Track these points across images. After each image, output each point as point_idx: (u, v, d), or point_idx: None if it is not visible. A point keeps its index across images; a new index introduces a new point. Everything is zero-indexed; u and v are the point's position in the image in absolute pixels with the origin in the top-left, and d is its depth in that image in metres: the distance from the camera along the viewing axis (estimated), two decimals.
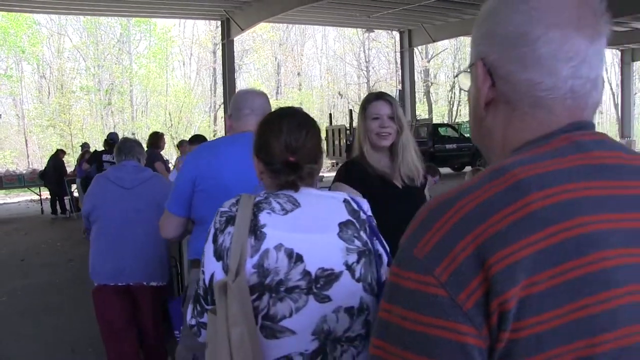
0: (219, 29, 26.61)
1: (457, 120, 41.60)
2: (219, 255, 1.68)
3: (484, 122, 0.98)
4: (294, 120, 1.81)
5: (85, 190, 9.85)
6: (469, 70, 1.00)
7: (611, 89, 50.05)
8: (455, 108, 48.26)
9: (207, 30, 42.11)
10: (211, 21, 31.92)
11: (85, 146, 15.97)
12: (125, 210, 3.94)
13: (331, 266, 1.66)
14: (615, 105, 46.50)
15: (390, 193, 2.79)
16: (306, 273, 1.63)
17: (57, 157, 16.01)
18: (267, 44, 44.66)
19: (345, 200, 1.78)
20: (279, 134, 1.75)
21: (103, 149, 11.17)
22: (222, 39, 24.91)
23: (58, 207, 15.81)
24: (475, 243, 0.76)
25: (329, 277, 1.65)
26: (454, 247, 0.77)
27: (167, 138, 31.09)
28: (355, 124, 14.93)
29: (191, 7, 21.97)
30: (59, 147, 19.06)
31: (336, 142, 24.31)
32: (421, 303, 0.78)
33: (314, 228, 1.69)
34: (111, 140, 10.29)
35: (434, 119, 35.73)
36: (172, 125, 39.18)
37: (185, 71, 45.54)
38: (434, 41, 29.41)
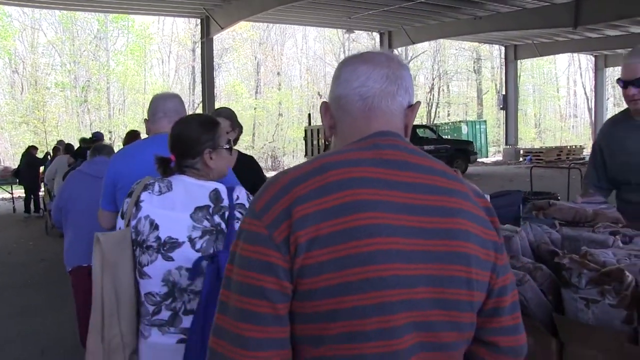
0: (199, 27, 26.45)
1: (435, 122, 41.78)
2: (122, 215, 2.39)
3: (334, 139, 1.41)
4: (180, 124, 2.44)
5: None
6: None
7: (585, 93, 50.69)
8: (433, 110, 48.47)
9: (186, 28, 41.85)
10: (191, 19, 31.68)
11: (60, 143, 15.70)
12: (97, 197, 4.12)
13: (177, 236, 2.25)
14: (589, 110, 47.07)
15: None
16: (158, 238, 2.26)
17: (30, 154, 15.75)
18: (247, 42, 44.50)
19: (214, 190, 2.30)
20: (171, 136, 2.40)
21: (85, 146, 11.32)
22: (202, 37, 24.76)
23: (32, 205, 15.57)
24: (287, 201, 1.17)
25: (173, 244, 2.25)
26: (275, 204, 1.18)
27: (144, 137, 31.06)
28: None
29: (170, 4, 21.83)
30: (31, 144, 18.68)
31: (315, 142, 24.32)
32: (250, 238, 1.19)
33: (174, 207, 2.27)
34: (96, 139, 10.83)
35: None
36: None
37: (164, 69, 45.28)
38: (413, 43, 29.51)
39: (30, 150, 16.05)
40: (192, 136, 2.36)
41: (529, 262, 2.09)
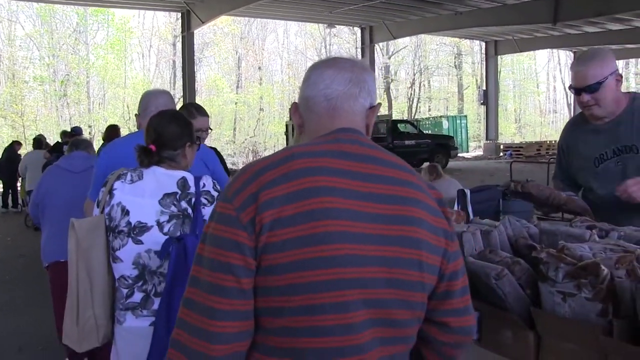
0: (179, 21, 26.30)
1: (416, 117, 41.92)
2: (97, 203, 2.55)
3: (302, 137, 1.54)
4: (163, 118, 2.59)
5: None
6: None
7: (564, 89, 51.01)
8: (414, 105, 48.61)
9: (167, 22, 41.55)
10: (171, 13, 31.48)
11: (40, 138, 15.51)
12: (75, 192, 4.17)
13: (146, 221, 2.41)
14: (569, 105, 47.54)
15: None
16: (129, 223, 2.42)
17: (13, 149, 15.56)
18: (228, 37, 44.28)
19: (181, 178, 2.47)
20: (148, 127, 2.57)
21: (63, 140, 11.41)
22: (182, 32, 24.63)
23: (10, 200, 15.40)
24: (255, 187, 1.29)
25: (142, 228, 2.41)
26: (244, 190, 1.31)
27: (125, 131, 30.60)
28: None
29: None
30: (15, 140, 18.45)
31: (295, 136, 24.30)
32: (221, 219, 1.31)
33: (144, 194, 2.44)
34: (75, 133, 11.03)
35: (393, 115, 35.91)
36: (130, 118, 38.51)
37: (145, 63, 44.91)
38: (394, 38, 29.59)
39: (14, 146, 15.85)
40: (177, 130, 2.57)
41: (508, 257, 2.10)
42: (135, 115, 3.38)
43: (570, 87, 2.85)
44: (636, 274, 1.73)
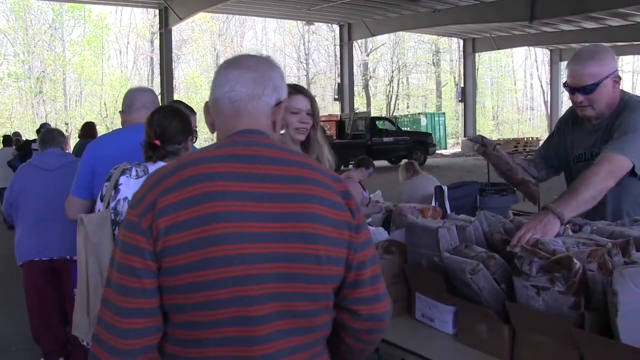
0: (157, 17, 26.11)
1: (394, 114, 42.03)
2: (101, 198, 2.62)
3: (216, 134, 1.58)
4: (165, 113, 2.66)
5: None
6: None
7: (541, 86, 51.51)
8: (393, 102, 48.77)
9: (144, 19, 41.23)
10: (149, 9, 31.24)
11: (16, 135, 15.33)
12: (49, 190, 4.18)
13: None
14: (545, 103, 47.90)
15: None
16: None
17: None
18: (206, 34, 44.07)
19: None
20: (150, 123, 2.62)
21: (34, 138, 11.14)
22: (160, 28, 24.48)
23: None
24: (154, 195, 1.39)
25: None
26: (145, 197, 1.40)
27: (102, 128, 30.27)
28: None
29: None
30: None
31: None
32: (127, 225, 1.41)
33: None
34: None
35: (372, 112, 35.96)
36: (107, 115, 38.22)
37: (122, 60, 44.56)
38: (373, 35, 29.65)
39: None
40: (180, 124, 2.66)
41: (483, 252, 2.12)
42: (120, 112, 3.39)
43: (564, 84, 2.75)
44: (607, 268, 1.76)
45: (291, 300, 1.40)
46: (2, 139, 13.53)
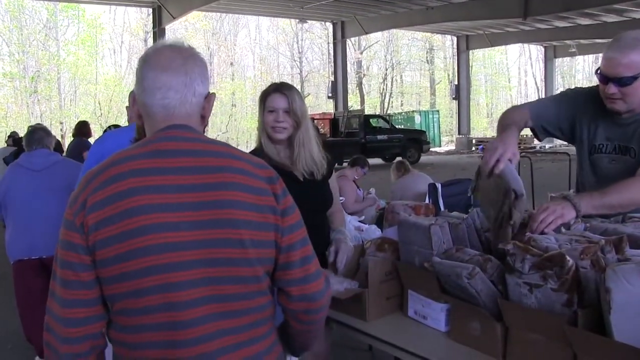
0: (151, 16, 26.03)
1: (388, 112, 42.04)
2: None
3: (144, 127, 1.64)
4: None
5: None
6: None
7: (535, 83, 51.60)
8: (387, 100, 48.80)
9: (138, 18, 41.13)
10: (142, 8, 31.18)
11: (13, 134, 15.24)
12: (37, 190, 4.29)
13: None
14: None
15: (289, 185, 2.74)
16: None
17: None
18: (199, 33, 44.00)
19: None
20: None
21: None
22: (154, 27, 24.42)
23: None
24: (85, 193, 1.48)
25: None
26: (79, 196, 1.49)
27: (97, 127, 30.15)
28: None
29: None
30: None
31: None
32: (65, 223, 1.50)
33: None
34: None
35: (366, 110, 35.99)
36: (101, 114, 38.14)
37: (116, 59, 44.49)
38: (366, 33, 29.62)
39: None
40: None
41: (478, 255, 2.11)
42: (126, 107, 3.47)
43: (597, 71, 2.48)
44: (600, 265, 1.75)
45: (219, 284, 1.48)
46: (8, 138, 13.44)
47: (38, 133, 4.75)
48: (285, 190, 1.62)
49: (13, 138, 13.30)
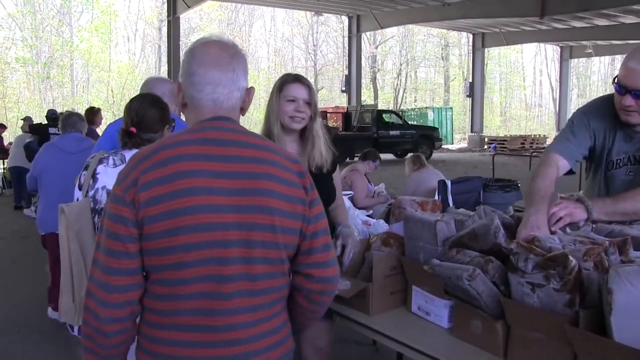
0: (165, 5, 26.07)
1: (402, 107, 41.92)
2: (80, 187, 2.72)
3: (185, 114, 1.81)
4: (144, 102, 2.75)
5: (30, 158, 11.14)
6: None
7: (550, 84, 51.23)
8: (400, 95, 48.63)
9: (152, 6, 41.23)
10: None
11: (27, 119, 15.28)
12: (70, 171, 4.43)
13: None
14: (554, 100, 47.69)
15: None
16: None
17: None
18: (214, 23, 44.01)
19: None
20: (129, 111, 2.73)
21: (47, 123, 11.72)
22: (168, 16, 24.44)
23: None
24: (136, 173, 1.61)
25: None
26: (129, 175, 1.62)
27: (109, 115, 30.23)
28: None
29: None
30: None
31: None
32: (113, 198, 1.63)
33: None
34: (53, 115, 11.40)
35: (379, 105, 35.91)
36: (114, 102, 38.22)
37: (130, 47, 44.55)
38: (382, 28, 29.51)
39: None
40: (158, 114, 2.74)
41: (479, 256, 2.11)
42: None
43: (614, 81, 2.39)
44: (603, 266, 1.75)
45: (252, 264, 1.64)
46: (24, 123, 13.48)
47: (72, 118, 5.43)
48: (312, 184, 1.77)
49: (29, 124, 13.35)
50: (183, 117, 2.62)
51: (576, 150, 2.61)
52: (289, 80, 2.79)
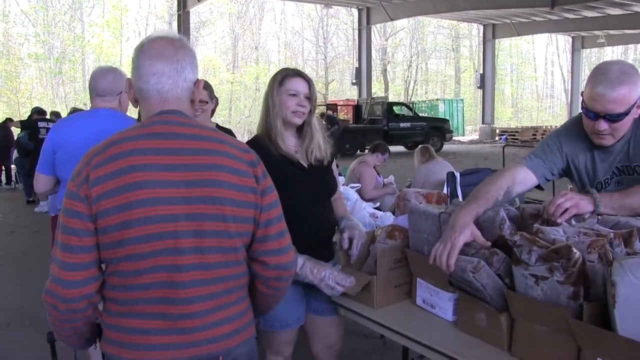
0: None
1: (412, 99, 41.79)
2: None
3: (140, 110, 1.85)
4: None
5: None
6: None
7: (562, 74, 50.90)
8: (411, 87, 48.49)
9: (163, 0, 41.23)
10: None
11: (37, 110, 15.30)
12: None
13: None
14: (566, 91, 47.34)
15: (297, 173, 2.69)
16: None
17: (5, 126, 15.35)
18: (224, 16, 44.02)
19: None
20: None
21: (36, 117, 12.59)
22: (178, 10, 24.48)
23: (3, 177, 15.32)
24: (89, 169, 1.66)
25: None
26: (82, 171, 1.67)
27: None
28: None
29: None
30: (7, 116, 18.26)
31: None
32: (68, 194, 1.69)
33: None
34: (40, 110, 12.71)
35: (389, 97, 35.82)
36: None
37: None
38: (392, 20, 29.41)
39: (7, 123, 15.65)
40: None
41: (483, 248, 2.09)
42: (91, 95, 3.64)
43: (585, 108, 2.33)
44: (607, 258, 1.73)
45: (204, 253, 1.70)
46: (33, 113, 13.56)
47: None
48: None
49: (20, 120, 13.54)
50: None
51: (543, 167, 2.52)
52: (289, 74, 2.73)
